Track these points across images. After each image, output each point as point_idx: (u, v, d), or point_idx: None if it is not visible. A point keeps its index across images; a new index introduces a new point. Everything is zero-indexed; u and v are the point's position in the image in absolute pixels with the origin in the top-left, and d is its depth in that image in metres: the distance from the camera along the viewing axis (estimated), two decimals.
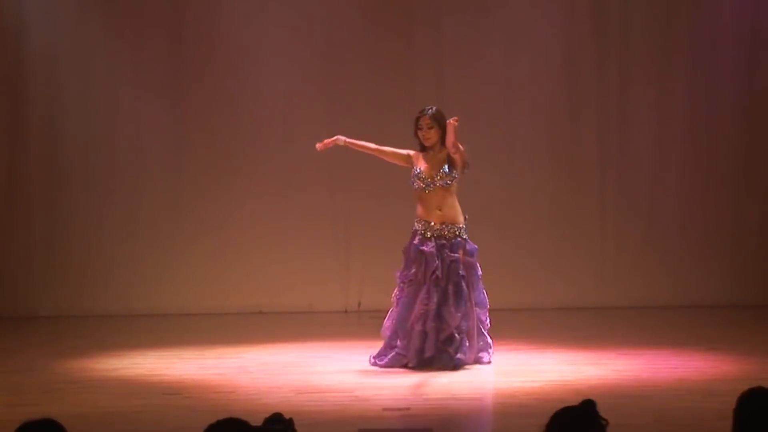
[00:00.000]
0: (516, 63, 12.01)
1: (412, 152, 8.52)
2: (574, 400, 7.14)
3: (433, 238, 8.33)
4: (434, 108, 8.48)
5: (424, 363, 8.20)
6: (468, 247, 8.42)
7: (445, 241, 8.33)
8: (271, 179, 11.94)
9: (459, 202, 8.50)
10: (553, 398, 7.27)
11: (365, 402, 7.28)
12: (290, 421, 4.15)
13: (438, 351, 8.18)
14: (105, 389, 7.76)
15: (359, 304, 11.93)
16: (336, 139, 8.68)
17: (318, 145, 8.74)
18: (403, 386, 7.77)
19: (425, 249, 8.30)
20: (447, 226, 8.36)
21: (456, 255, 8.30)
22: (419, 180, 8.38)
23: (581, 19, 12.02)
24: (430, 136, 8.39)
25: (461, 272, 8.28)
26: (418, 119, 8.43)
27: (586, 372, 8.26)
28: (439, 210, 8.37)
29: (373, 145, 8.66)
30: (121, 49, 11.84)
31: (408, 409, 7.05)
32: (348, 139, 8.66)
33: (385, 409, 7.06)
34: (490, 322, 8.54)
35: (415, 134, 8.47)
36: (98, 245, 11.85)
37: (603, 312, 11.65)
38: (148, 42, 11.85)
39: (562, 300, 11.90)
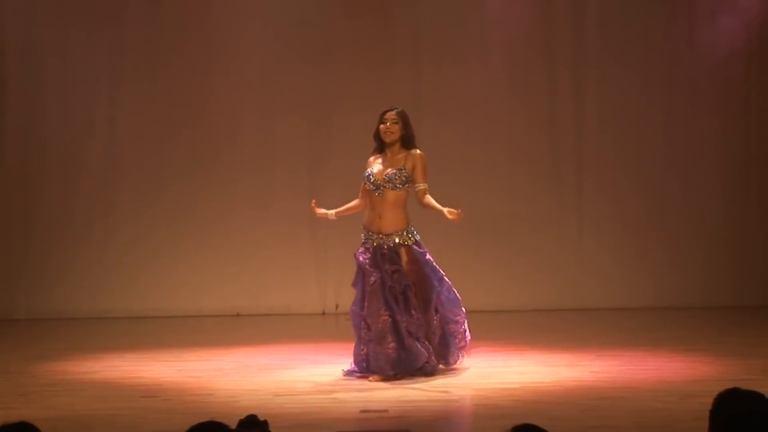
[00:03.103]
0: (493, 61, 12.03)
1: (370, 159, 8.33)
2: (551, 402, 7.16)
3: (371, 249, 8.17)
4: (401, 108, 8.38)
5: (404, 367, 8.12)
6: (413, 253, 8.17)
7: (384, 252, 8.14)
8: (249, 182, 11.94)
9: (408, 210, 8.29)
10: (531, 400, 7.29)
11: (343, 404, 7.28)
12: (265, 423, 4.14)
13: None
14: (82, 392, 7.74)
15: (337, 307, 11.93)
16: (325, 214, 8.51)
17: (317, 212, 8.53)
18: (381, 388, 7.77)
19: (360, 259, 8.21)
20: (387, 237, 8.15)
21: (395, 267, 8.11)
22: (369, 182, 8.21)
23: (559, 16, 12.05)
24: (393, 131, 8.20)
25: (406, 282, 8.10)
26: (383, 114, 8.28)
27: (564, 374, 8.27)
28: (380, 218, 8.17)
29: (354, 202, 8.45)
30: (98, 48, 11.82)
31: (386, 411, 7.05)
32: (337, 211, 8.49)
33: (363, 411, 7.06)
34: (467, 323, 8.42)
35: (377, 130, 8.27)
36: (75, 247, 11.82)
37: (580, 314, 11.68)
38: (126, 41, 11.83)
39: (540, 302, 11.93)
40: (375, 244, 8.18)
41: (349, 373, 8.22)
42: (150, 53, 11.87)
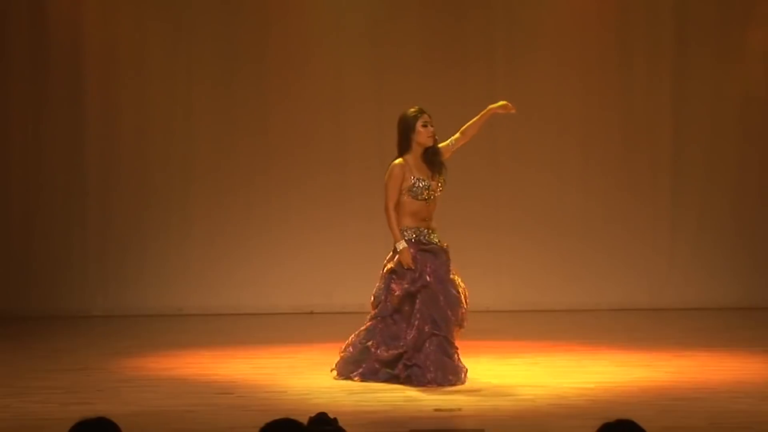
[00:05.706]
0: (567, 61, 11.95)
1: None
2: (626, 402, 7.07)
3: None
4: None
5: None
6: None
7: None
8: (323, 179, 11.97)
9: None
10: (606, 399, 7.23)
11: (417, 402, 7.25)
12: (335, 420, 4.14)
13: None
14: (157, 388, 7.80)
15: None
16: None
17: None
18: (454, 387, 7.74)
19: None
20: None
21: None
22: (427, 190, 8.16)
23: (635, 15, 11.95)
24: (434, 133, 7.98)
25: None
26: (417, 116, 7.91)
27: (640, 374, 8.19)
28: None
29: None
30: (176, 46, 11.94)
31: (459, 409, 7.03)
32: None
33: (436, 410, 7.04)
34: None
35: (417, 133, 7.95)
36: (152, 245, 11.93)
37: (657, 313, 11.57)
38: (203, 39, 11.93)
39: (616, 301, 11.83)
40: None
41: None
42: (226, 52, 11.95)
